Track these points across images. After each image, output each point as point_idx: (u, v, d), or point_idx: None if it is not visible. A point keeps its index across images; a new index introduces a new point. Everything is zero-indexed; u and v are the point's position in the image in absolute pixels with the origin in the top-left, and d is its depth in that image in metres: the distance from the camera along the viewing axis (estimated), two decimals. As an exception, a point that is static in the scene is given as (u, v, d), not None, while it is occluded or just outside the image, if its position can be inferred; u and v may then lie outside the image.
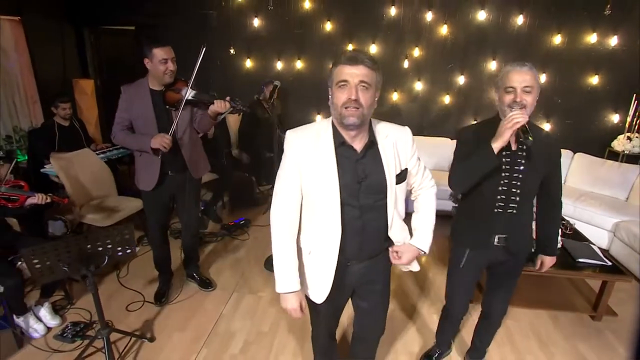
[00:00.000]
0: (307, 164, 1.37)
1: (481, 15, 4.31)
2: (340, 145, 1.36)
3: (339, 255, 1.43)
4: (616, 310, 2.71)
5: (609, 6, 4.02)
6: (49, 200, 2.35)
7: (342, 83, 1.29)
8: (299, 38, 4.72)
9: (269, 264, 3.26)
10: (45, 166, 3.38)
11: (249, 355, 2.31)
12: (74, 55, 5.04)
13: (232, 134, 4.62)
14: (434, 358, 2.26)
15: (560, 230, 2.85)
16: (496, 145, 1.51)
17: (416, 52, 4.58)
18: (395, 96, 4.80)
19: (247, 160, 4.48)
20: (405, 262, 1.51)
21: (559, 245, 2.75)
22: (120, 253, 2.06)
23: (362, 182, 1.37)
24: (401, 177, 1.43)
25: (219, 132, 4.20)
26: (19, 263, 2.33)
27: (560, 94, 4.34)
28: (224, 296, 2.85)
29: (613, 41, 4.15)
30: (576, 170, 4.15)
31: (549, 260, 1.90)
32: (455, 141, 1.80)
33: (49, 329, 2.44)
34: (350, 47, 4.65)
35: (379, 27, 4.56)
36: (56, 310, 2.56)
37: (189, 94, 2.33)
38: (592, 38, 4.18)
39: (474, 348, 2.22)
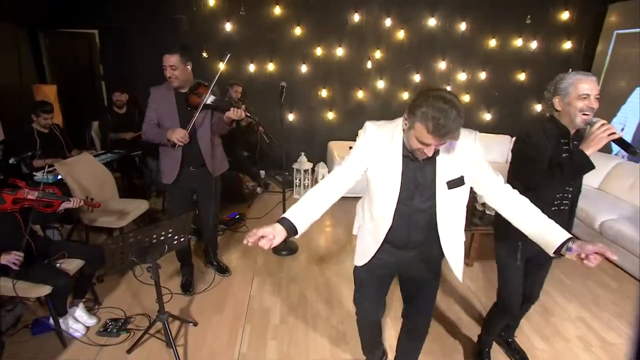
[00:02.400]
0: (377, 157, 1.49)
1: (431, 22, 5.00)
2: (406, 155, 1.46)
3: (384, 242, 1.58)
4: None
5: (529, 16, 4.95)
6: (82, 204, 2.43)
7: (422, 143, 1.32)
8: (271, 42, 5.01)
9: (276, 248, 3.55)
10: (36, 173, 3.29)
11: (289, 324, 2.61)
12: (29, 60, 4.76)
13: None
14: (486, 359, 2.29)
15: None
16: (589, 152, 1.59)
17: (377, 54, 5.13)
18: (360, 94, 5.32)
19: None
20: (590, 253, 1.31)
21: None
22: (175, 242, 2.24)
23: (418, 188, 1.48)
24: (455, 183, 1.46)
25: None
26: (58, 264, 2.37)
27: (497, 89, 5.20)
28: (246, 281, 3.09)
29: (534, 45, 5.10)
30: (513, 151, 5.02)
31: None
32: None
33: (86, 328, 2.50)
34: (318, 50, 5.04)
35: (344, 31, 5.03)
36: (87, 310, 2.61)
37: (208, 99, 2.55)
38: (518, 42, 5.09)
39: (508, 326, 2.34)
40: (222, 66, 2.57)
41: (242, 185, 4.59)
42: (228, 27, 4.89)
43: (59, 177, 3.16)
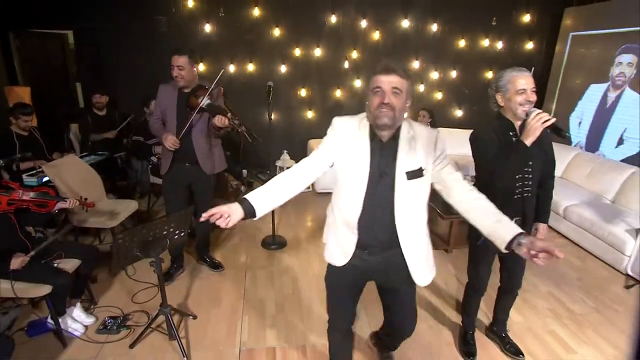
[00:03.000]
0: (345, 146, 1.54)
1: (405, 23, 5.23)
2: (373, 138, 1.51)
3: (357, 241, 1.57)
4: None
5: (494, 19, 5.28)
6: (77, 204, 2.46)
7: (377, 89, 1.43)
8: (250, 43, 5.08)
9: (265, 243, 3.65)
10: (23, 176, 3.23)
11: (286, 312, 2.73)
12: (-1, 61, 4.61)
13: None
14: (470, 342, 2.38)
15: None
16: (529, 141, 1.71)
17: (354, 54, 5.31)
18: (338, 93, 5.48)
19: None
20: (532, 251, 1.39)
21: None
22: (176, 236, 2.31)
23: (382, 176, 1.50)
24: (414, 174, 1.50)
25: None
26: (56, 264, 2.38)
27: (467, 86, 5.51)
28: (239, 275, 3.18)
29: (499, 45, 5.44)
30: (484, 145, 5.35)
31: (542, 227, 2.11)
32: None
33: (85, 327, 2.52)
34: (297, 51, 5.17)
35: (322, 32, 5.17)
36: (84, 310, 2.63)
37: (204, 102, 2.64)
38: (485, 42, 5.41)
39: (499, 321, 2.43)
40: (219, 75, 2.71)
41: (226, 184, 4.65)
42: (207, 28, 4.92)
43: (45, 179, 3.13)
